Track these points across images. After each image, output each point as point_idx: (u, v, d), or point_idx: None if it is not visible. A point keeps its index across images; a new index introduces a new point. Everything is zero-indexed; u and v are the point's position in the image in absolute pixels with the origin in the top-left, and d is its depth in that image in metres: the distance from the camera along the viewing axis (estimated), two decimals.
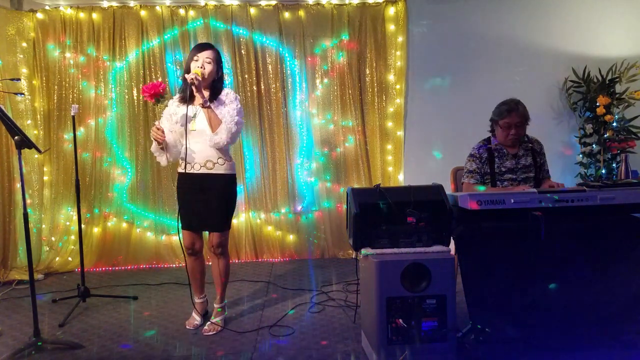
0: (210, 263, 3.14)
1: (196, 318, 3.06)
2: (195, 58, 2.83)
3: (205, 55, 2.82)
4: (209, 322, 2.99)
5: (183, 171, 2.90)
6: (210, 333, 2.92)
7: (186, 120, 2.79)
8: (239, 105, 2.86)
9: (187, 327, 3.01)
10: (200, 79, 2.72)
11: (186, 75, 2.75)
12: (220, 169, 2.88)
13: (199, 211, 2.90)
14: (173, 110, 2.91)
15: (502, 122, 2.93)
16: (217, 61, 2.88)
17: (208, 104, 2.77)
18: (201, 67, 2.80)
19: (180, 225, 2.95)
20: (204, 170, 2.86)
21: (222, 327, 2.99)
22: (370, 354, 2.46)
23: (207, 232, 3.05)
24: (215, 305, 3.05)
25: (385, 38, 4.58)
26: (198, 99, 2.85)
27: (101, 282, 4.09)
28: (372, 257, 2.36)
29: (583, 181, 4.38)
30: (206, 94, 2.84)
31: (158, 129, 2.80)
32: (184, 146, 2.83)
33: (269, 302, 3.49)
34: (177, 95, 2.97)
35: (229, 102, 2.84)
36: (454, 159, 3.43)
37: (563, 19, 4.64)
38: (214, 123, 2.77)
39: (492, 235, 2.45)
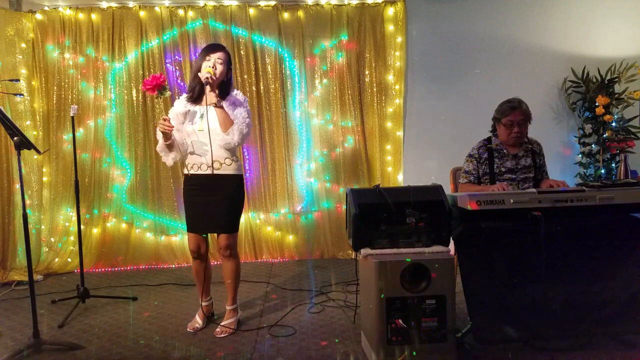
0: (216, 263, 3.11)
1: (198, 321, 3.01)
2: (207, 58, 2.82)
3: (217, 56, 2.82)
4: (220, 324, 2.94)
5: (189, 173, 2.89)
6: (222, 335, 2.87)
7: (206, 119, 2.79)
8: (248, 107, 2.88)
9: (187, 329, 2.98)
10: (214, 77, 2.74)
11: (199, 74, 2.76)
12: (228, 169, 2.86)
13: (206, 213, 2.86)
14: (180, 109, 2.88)
15: (505, 120, 2.94)
16: (228, 63, 2.88)
17: (221, 103, 2.78)
18: (213, 67, 2.79)
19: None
20: (210, 171, 2.82)
21: (234, 329, 2.94)
22: (370, 354, 2.46)
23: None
24: (227, 307, 3.01)
25: (384, 38, 4.58)
26: (205, 99, 2.84)
27: (100, 283, 4.08)
28: (372, 258, 2.36)
29: (582, 181, 4.39)
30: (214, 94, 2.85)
31: (165, 119, 2.75)
32: (191, 146, 2.85)
33: (269, 303, 3.49)
34: (185, 95, 2.95)
35: (240, 103, 2.85)
36: (454, 159, 3.43)
37: (562, 19, 4.64)
38: (227, 123, 2.77)
39: (491, 235, 2.45)
